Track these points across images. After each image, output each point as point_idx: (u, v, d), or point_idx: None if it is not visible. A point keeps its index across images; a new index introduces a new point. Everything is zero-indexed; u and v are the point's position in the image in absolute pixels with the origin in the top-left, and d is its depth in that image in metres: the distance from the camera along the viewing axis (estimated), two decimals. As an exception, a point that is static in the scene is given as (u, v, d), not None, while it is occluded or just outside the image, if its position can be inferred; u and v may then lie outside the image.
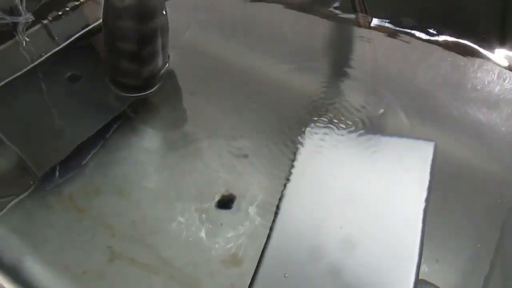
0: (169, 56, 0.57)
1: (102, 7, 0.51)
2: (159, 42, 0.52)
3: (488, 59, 0.59)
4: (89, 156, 0.49)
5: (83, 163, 0.49)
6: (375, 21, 0.65)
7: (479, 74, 0.58)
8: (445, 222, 0.46)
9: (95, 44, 0.62)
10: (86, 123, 0.52)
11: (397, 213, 0.45)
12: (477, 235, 0.45)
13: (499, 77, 0.58)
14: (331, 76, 0.60)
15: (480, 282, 0.42)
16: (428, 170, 0.47)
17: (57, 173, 0.47)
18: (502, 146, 0.51)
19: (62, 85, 0.57)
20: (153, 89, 0.56)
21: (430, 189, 0.46)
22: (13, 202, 0.46)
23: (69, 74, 0.58)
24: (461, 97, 0.56)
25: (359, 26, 0.65)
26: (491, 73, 0.58)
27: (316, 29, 0.66)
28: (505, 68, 0.58)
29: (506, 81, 0.57)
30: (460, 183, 0.49)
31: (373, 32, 0.64)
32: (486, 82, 0.57)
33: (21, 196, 0.46)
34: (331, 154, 0.50)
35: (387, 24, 0.65)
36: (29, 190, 0.46)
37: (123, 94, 0.55)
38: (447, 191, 0.47)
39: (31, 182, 0.47)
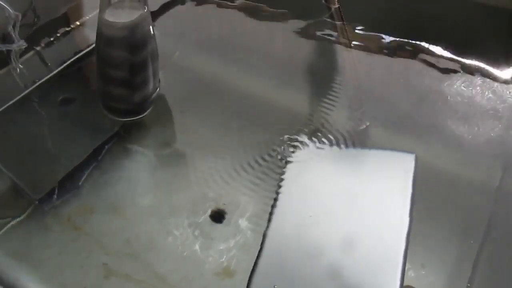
0: (159, 80, 0.59)
1: (96, 34, 0.53)
2: (150, 69, 0.54)
3: (467, 73, 0.62)
4: (84, 177, 0.51)
5: (79, 183, 0.50)
6: (355, 38, 0.68)
7: (457, 89, 0.60)
8: (429, 229, 0.47)
9: (85, 68, 0.64)
10: (80, 145, 0.54)
11: (383, 223, 0.46)
12: (459, 240, 0.47)
13: (476, 91, 0.60)
14: (315, 92, 0.63)
15: (465, 284, 0.43)
16: (410, 180, 0.49)
17: (55, 195, 0.49)
18: (479, 155, 0.54)
19: (54, 109, 0.58)
20: (145, 114, 0.58)
21: (413, 198, 0.48)
22: (10, 224, 0.47)
23: (61, 98, 0.59)
24: (439, 111, 0.58)
25: (341, 43, 0.68)
26: (469, 87, 0.61)
27: (299, 46, 0.69)
28: (484, 82, 0.61)
29: (483, 95, 0.60)
30: (441, 191, 0.50)
31: (353, 48, 0.67)
32: (464, 96, 0.60)
33: (19, 218, 0.47)
34: (317, 167, 0.52)
35: (367, 41, 0.67)
36: (27, 212, 0.48)
37: (116, 118, 0.57)
38: (430, 199, 0.49)
39: (28, 205, 0.48)
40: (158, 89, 0.58)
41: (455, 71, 0.63)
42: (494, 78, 0.61)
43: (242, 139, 0.55)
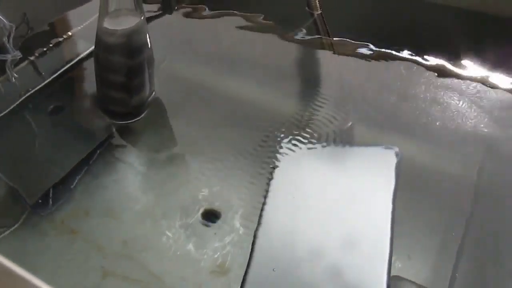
0: (155, 85, 0.61)
1: (94, 41, 0.55)
2: (146, 73, 0.57)
3: (444, 74, 0.65)
4: (76, 181, 0.52)
5: (72, 188, 0.51)
6: (338, 42, 0.70)
7: (435, 88, 0.63)
8: (414, 221, 0.49)
9: (76, 77, 0.66)
10: (73, 151, 0.55)
11: (368, 216, 0.48)
12: (443, 230, 0.49)
13: (453, 90, 0.63)
14: (300, 95, 0.65)
15: (449, 272, 0.45)
16: (393, 173, 0.51)
17: (50, 200, 0.50)
18: (457, 150, 0.56)
19: (46, 117, 0.60)
20: (140, 116, 0.59)
21: (396, 190, 0.50)
22: (7, 232, 0.48)
23: (53, 106, 0.61)
24: (420, 108, 0.61)
25: (324, 47, 0.71)
26: (446, 86, 0.64)
27: (284, 51, 0.71)
28: (460, 82, 0.64)
29: (460, 94, 0.62)
30: (424, 184, 0.53)
31: (336, 52, 0.69)
32: (442, 94, 0.62)
33: (15, 225, 0.48)
34: (305, 165, 0.54)
35: (349, 45, 0.70)
36: (22, 218, 0.48)
37: (114, 121, 0.59)
38: (413, 192, 0.51)
39: (22, 212, 0.49)
40: (154, 92, 0.60)
41: (431, 73, 0.65)
42: (466, 79, 0.64)
43: (232, 141, 0.57)
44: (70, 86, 0.65)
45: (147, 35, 0.55)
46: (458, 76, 0.65)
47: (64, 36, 0.68)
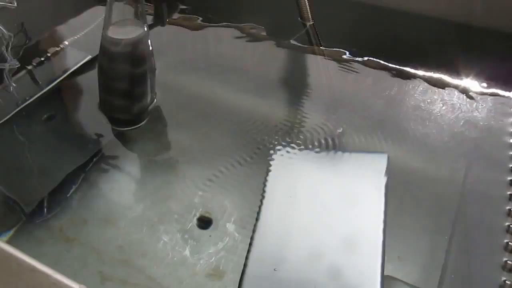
0: (155, 93, 0.62)
1: (99, 50, 0.56)
2: (148, 82, 0.58)
3: (429, 82, 0.67)
4: (72, 189, 0.53)
5: (68, 196, 0.52)
6: (328, 51, 0.73)
7: (421, 95, 0.65)
8: (402, 223, 0.51)
9: (71, 86, 0.67)
10: (69, 159, 0.56)
11: (360, 220, 0.49)
12: (431, 231, 0.50)
13: (437, 97, 0.65)
14: (293, 102, 0.66)
15: (438, 272, 0.47)
16: (383, 178, 0.52)
17: (45, 208, 0.50)
18: (443, 154, 0.58)
19: (42, 125, 0.60)
20: (142, 123, 0.61)
21: (387, 194, 0.51)
22: (4, 239, 0.48)
23: (48, 115, 0.61)
24: (407, 115, 0.63)
25: (315, 54, 0.73)
26: (432, 93, 0.66)
27: (276, 61, 0.73)
28: (442, 89, 0.66)
29: (444, 100, 0.65)
30: (412, 187, 0.54)
31: (327, 61, 0.71)
32: (427, 101, 0.65)
33: (11, 232, 0.49)
34: (298, 171, 0.55)
35: (339, 54, 0.72)
36: (18, 226, 0.49)
37: (116, 128, 0.60)
38: (402, 195, 0.53)
39: (18, 220, 0.49)
40: (155, 100, 0.62)
41: (416, 80, 0.68)
42: (451, 86, 0.67)
43: (225, 148, 0.58)
44: (67, 95, 0.66)
45: (150, 44, 0.57)
46: (442, 84, 0.67)
47: (61, 46, 0.69)
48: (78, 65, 0.67)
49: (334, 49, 0.73)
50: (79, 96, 0.66)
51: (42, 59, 0.67)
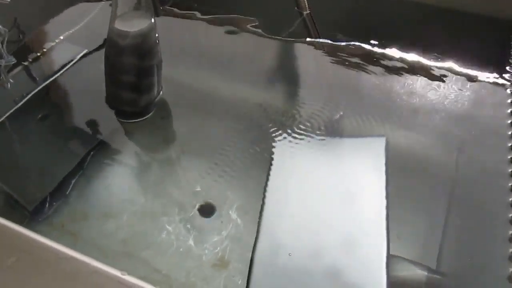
0: (162, 86, 0.62)
1: (106, 43, 0.55)
2: (155, 74, 0.58)
3: (424, 69, 0.69)
4: (71, 185, 0.52)
5: (67, 192, 0.52)
6: (325, 41, 0.73)
7: (416, 82, 0.67)
8: (400, 203, 0.52)
9: (69, 81, 0.66)
10: (67, 154, 0.56)
11: (364, 202, 0.51)
12: (428, 211, 0.52)
13: (433, 83, 0.67)
14: (291, 91, 0.67)
15: (436, 249, 0.48)
16: (383, 160, 0.54)
17: (47, 205, 0.50)
18: (440, 136, 0.60)
19: (39, 123, 0.60)
20: (148, 115, 0.60)
21: (387, 176, 0.52)
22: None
23: (45, 112, 0.60)
24: (403, 100, 0.64)
25: (312, 47, 0.73)
26: (427, 80, 0.67)
27: (274, 51, 0.74)
28: (437, 78, 0.68)
29: (439, 87, 0.66)
30: (409, 169, 0.56)
31: (325, 51, 0.72)
32: (421, 87, 0.66)
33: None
34: (300, 158, 0.56)
35: (336, 44, 0.73)
36: (23, 224, 0.48)
37: (122, 120, 0.60)
38: (400, 177, 0.54)
39: (23, 219, 0.49)
40: (161, 92, 0.61)
41: (410, 71, 0.69)
42: (440, 74, 0.68)
43: (226, 138, 0.59)
44: (65, 90, 0.65)
45: (157, 36, 0.56)
46: (437, 71, 0.69)
47: (57, 41, 0.68)
48: (75, 60, 0.67)
49: (330, 39, 0.73)
50: (77, 90, 0.65)
51: (39, 54, 0.66)
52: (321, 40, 0.73)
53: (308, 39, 0.73)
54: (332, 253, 0.46)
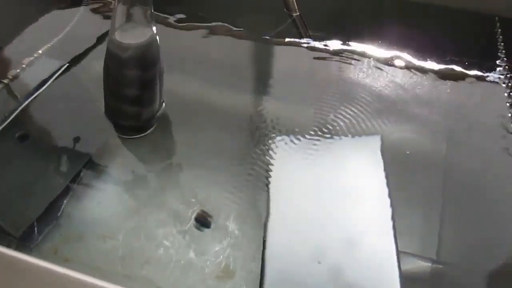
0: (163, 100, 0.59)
1: (105, 55, 0.53)
2: (158, 86, 0.55)
3: (411, 66, 0.70)
4: (62, 207, 0.50)
5: (58, 214, 0.49)
6: (312, 42, 0.73)
7: (403, 78, 0.68)
8: (396, 198, 0.52)
9: (53, 97, 0.62)
10: (54, 177, 0.53)
11: (369, 200, 0.51)
12: (424, 202, 0.53)
13: (418, 79, 0.68)
14: (281, 94, 0.66)
15: (435, 240, 0.49)
16: (380, 157, 0.54)
17: (36, 230, 0.47)
18: (426, 130, 0.61)
19: (21, 144, 0.57)
20: (149, 131, 0.58)
21: (387, 172, 0.53)
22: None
23: (25, 131, 0.57)
24: (390, 96, 0.65)
25: (295, 45, 0.73)
26: (413, 76, 0.68)
27: (265, 55, 0.73)
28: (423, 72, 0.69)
29: (423, 83, 0.67)
30: (405, 163, 0.56)
31: (316, 54, 0.72)
32: (410, 83, 0.67)
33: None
34: (298, 161, 0.55)
35: (321, 45, 0.73)
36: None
37: (124, 136, 0.58)
38: (396, 171, 0.54)
39: (9, 245, 0.46)
40: (163, 104, 0.59)
41: (398, 65, 0.70)
42: (423, 71, 0.69)
43: (216, 148, 0.58)
44: (46, 109, 0.62)
45: (159, 46, 0.54)
46: (416, 70, 0.70)
47: (35, 55, 0.64)
48: (56, 74, 0.63)
49: (316, 41, 0.73)
50: (61, 106, 0.62)
51: (18, 71, 0.62)
52: (312, 41, 0.73)
53: (303, 40, 0.73)
54: (340, 253, 0.46)
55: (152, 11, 0.51)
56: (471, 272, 0.48)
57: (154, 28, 0.52)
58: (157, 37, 0.53)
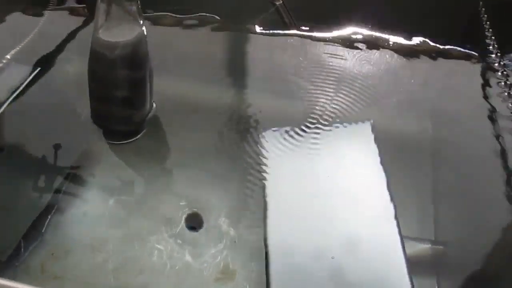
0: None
1: (90, 56, 0.50)
2: (148, 86, 0.53)
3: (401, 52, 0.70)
4: (46, 222, 0.47)
5: (43, 231, 0.47)
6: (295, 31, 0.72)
7: (390, 61, 0.69)
8: (393, 182, 0.52)
9: (25, 107, 0.59)
10: (35, 193, 0.50)
11: (367, 186, 0.51)
12: (416, 185, 0.53)
13: (405, 65, 0.69)
14: (270, 86, 0.66)
15: (432, 221, 0.49)
16: (373, 142, 0.54)
17: (22, 249, 0.45)
18: (411, 110, 0.61)
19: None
20: (139, 135, 0.55)
21: (381, 157, 0.53)
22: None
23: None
24: (380, 80, 0.65)
25: (282, 36, 0.72)
26: (397, 57, 0.69)
27: (251, 47, 0.72)
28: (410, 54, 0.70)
29: (412, 69, 0.68)
30: (397, 147, 0.56)
31: (302, 42, 0.71)
32: (394, 65, 0.68)
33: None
34: (292, 154, 0.54)
35: (306, 34, 0.72)
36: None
37: (114, 142, 0.55)
38: (389, 156, 0.54)
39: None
40: (154, 106, 0.56)
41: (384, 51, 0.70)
42: (401, 53, 0.70)
43: (205, 146, 0.56)
44: (21, 118, 0.59)
45: (147, 44, 0.51)
46: (391, 51, 0.70)
47: (4, 61, 0.60)
48: (26, 82, 0.60)
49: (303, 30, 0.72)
50: (35, 114, 0.59)
51: None
52: (297, 30, 0.72)
53: (283, 32, 0.71)
54: (345, 246, 0.46)
55: (139, 6, 0.48)
56: (468, 250, 0.48)
57: (142, 24, 0.50)
58: (145, 33, 0.50)
